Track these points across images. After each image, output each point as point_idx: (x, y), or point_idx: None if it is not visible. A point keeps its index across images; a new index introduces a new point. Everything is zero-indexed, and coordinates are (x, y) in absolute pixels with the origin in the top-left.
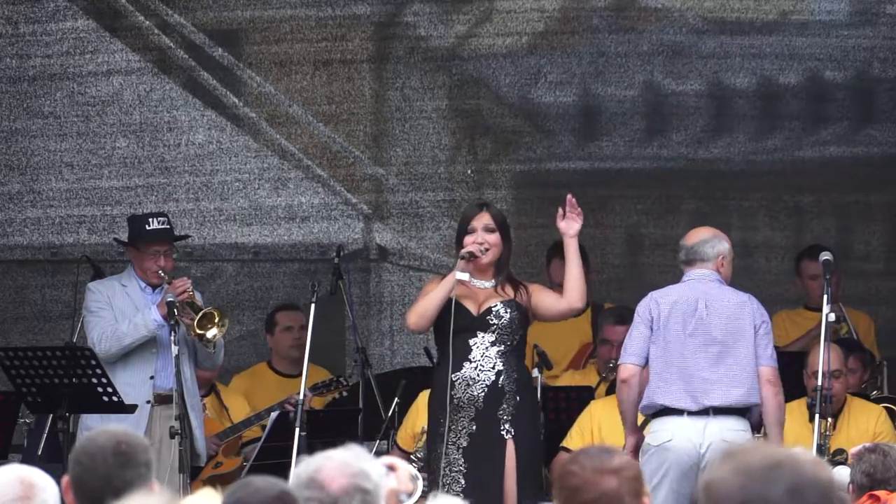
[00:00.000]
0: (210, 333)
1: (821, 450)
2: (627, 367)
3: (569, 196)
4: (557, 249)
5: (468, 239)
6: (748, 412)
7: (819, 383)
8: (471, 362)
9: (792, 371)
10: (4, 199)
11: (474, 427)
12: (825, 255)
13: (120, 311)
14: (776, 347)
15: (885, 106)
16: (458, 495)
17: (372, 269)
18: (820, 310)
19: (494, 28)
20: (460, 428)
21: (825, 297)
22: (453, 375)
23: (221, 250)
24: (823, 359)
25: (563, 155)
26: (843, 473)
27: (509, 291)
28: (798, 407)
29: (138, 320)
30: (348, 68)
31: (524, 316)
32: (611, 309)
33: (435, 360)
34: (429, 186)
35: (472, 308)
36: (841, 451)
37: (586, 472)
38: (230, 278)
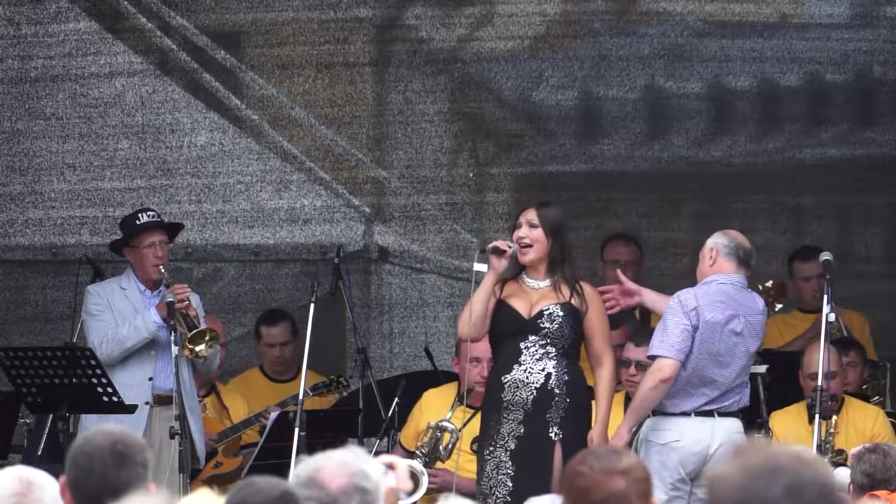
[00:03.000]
0: (198, 348)
1: (821, 451)
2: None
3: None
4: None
5: (515, 235)
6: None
7: (819, 383)
8: (520, 365)
9: (788, 372)
10: (6, 199)
11: (522, 430)
12: (825, 255)
13: (119, 313)
14: (771, 349)
15: (884, 108)
16: (504, 498)
17: (373, 271)
18: (813, 311)
19: (496, 31)
20: (508, 431)
21: (825, 296)
22: (503, 378)
23: (223, 251)
24: (823, 357)
25: (564, 157)
26: (843, 474)
27: (565, 293)
28: (797, 409)
29: (138, 323)
30: (350, 71)
31: (577, 319)
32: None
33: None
34: (430, 189)
35: (523, 310)
36: (841, 452)
37: (595, 473)
38: (231, 280)
